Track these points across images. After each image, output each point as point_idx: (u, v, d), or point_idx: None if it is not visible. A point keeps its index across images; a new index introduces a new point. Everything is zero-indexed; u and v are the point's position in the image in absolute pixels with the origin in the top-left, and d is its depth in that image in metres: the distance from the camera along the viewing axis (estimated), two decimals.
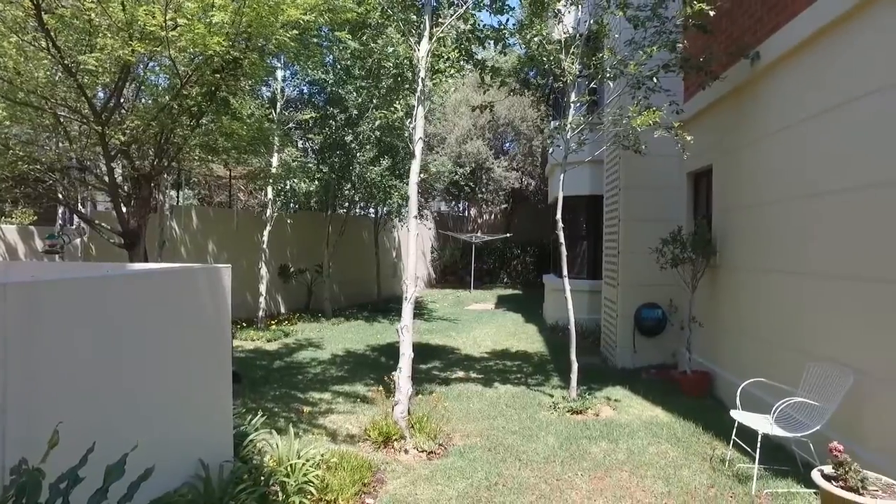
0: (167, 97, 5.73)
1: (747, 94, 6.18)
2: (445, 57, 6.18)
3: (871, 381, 4.07)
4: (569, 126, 6.51)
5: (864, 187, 4.29)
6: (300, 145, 14.19)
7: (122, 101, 6.08)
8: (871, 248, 4.17)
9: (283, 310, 14.17)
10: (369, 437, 5.13)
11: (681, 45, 6.38)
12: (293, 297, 14.58)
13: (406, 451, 4.93)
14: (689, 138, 6.26)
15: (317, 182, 13.28)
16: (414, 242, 5.48)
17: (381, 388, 5.71)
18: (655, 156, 7.49)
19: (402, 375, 5.31)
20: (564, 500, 4.12)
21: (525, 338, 11.25)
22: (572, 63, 6.38)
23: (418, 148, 5.44)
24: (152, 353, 3.23)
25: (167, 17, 4.66)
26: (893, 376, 3.90)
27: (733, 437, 4.77)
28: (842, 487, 3.40)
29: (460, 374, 8.13)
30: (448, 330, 12.27)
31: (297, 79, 13.00)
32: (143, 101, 7.10)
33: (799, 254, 5.15)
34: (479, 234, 22.01)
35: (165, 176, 9.89)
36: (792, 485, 4.24)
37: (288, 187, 13.40)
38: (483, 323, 13.33)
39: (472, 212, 25.21)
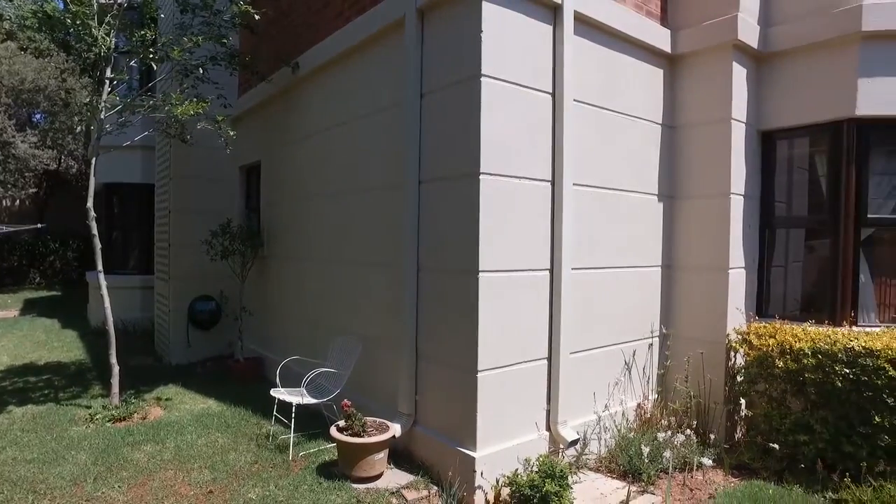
0: None
1: (290, 99, 6.73)
2: None
3: (370, 346, 5.05)
4: (102, 105, 5.81)
5: (363, 189, 5.28)
6: None
7: None
8: (371, 240, 5.16)
9: None
10: None
11: (227, 40, 6.44)
12: None
13: None
14: (231, 133, 6.41)
15: None
16: None
17: None
18: (209, 147, 7.35)
19: None
20: None
21: (60, 346, 9.58)
22: (107, 34, 5.74)
23: None
24: None
25: None
26: (380, 339, 4.94)
27: (275, 413, 5.19)
28: (350, 435, 4.14)
29: None
30: None
31: None
32: None
33: (323, 244, 5.96)
34: None
35: None
36: (322, 444, 4.88)
37: None
38: (0, 335, 10.75)
39: None
